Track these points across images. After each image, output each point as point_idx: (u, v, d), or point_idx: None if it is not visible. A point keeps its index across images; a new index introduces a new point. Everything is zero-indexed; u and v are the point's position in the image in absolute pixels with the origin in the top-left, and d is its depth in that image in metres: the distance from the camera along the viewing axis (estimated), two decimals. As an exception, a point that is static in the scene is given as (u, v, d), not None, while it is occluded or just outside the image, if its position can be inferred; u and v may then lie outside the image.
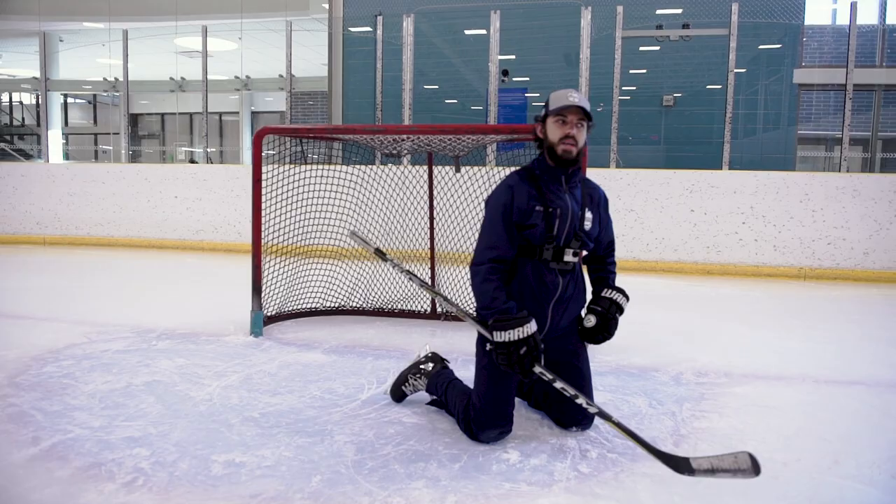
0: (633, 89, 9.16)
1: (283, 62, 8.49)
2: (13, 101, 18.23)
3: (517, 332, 2.04)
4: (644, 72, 9.37)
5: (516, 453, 2.17)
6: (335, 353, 3.43)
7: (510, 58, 9.06)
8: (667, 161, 9.03)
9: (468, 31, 9.79)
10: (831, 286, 6.04)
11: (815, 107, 11.89)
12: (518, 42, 9.01)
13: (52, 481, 1.94)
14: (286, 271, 4.14)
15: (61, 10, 12.11)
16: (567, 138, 2.20)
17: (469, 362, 3.25)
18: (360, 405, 2.62)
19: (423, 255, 4.44)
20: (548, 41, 9.30)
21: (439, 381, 2.53)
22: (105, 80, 13.09)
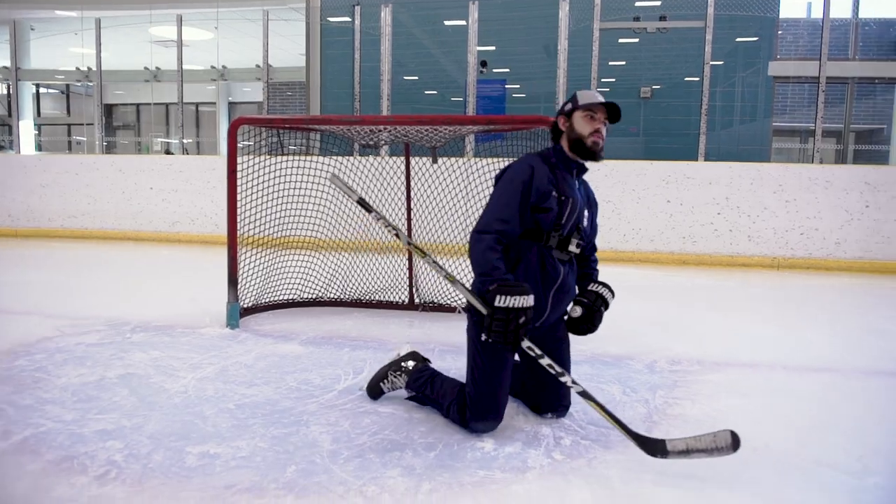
0: (613, 81, 9.20)
1: (260, 52, 8.42)
2: (-18, 92, 17.81)
3: (521, 300, 2.03)
4: (623, 63, 9.42)
5: (491, 441, 2.19)
6: (312, 344, 3.42)
7: (489, 49, 9.05)
8: (645, 152, 9.10)
9: (447, 22, 9.75)
10: (804, 275, 6.15)
11: (791, 99, 12.06)
12: (497, 33, 9.00)
13: (23, 475, 1.92)
14: (263, 263, 4.12)
15: (32, -3, 11.83)
16: (596, 132, 2.29)
17: (447, 353, 3.28)
18: (337, 395, 2.62)
19: (401, 245, 4.43)
20: (527, 32, 9.29)
21: (421, 377, 2.49)
22: (78, 69, 12.81)
